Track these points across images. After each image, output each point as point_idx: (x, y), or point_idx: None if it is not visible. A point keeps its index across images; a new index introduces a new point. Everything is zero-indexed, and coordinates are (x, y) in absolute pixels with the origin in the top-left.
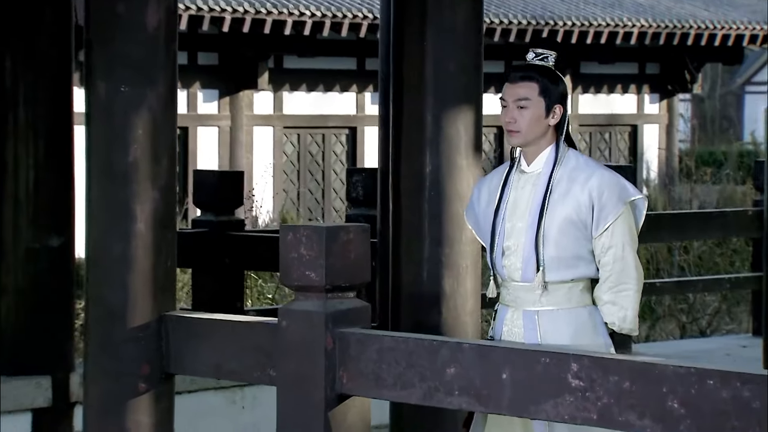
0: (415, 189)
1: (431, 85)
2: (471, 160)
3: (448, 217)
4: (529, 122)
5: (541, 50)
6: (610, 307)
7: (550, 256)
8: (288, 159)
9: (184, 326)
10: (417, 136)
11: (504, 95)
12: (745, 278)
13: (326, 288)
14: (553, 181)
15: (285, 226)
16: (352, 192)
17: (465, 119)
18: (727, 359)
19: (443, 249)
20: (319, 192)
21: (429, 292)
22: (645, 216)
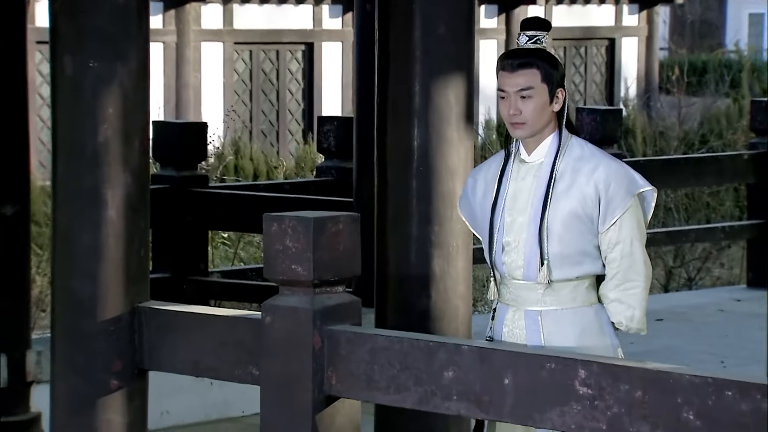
0: (402, 163)
1: (420, 51)
2: (462, 132)
3: (438, 193)
4: (535, 112)
5: (532, 32)
6: (617, 306)
7: (553, 253)
8: (239, 78)
9: (159, 319)
10: (404, 107)
11: (502, 86)
12: (740, 227)
13: (314, 282)
14: (556, 172)
15: (269, 215)
16: (324, 142)
17: (456, 88)
18: (721, 316)
19: (432, 227)
20: (274, 113)
21: (417, 274)
22: (633, 162)
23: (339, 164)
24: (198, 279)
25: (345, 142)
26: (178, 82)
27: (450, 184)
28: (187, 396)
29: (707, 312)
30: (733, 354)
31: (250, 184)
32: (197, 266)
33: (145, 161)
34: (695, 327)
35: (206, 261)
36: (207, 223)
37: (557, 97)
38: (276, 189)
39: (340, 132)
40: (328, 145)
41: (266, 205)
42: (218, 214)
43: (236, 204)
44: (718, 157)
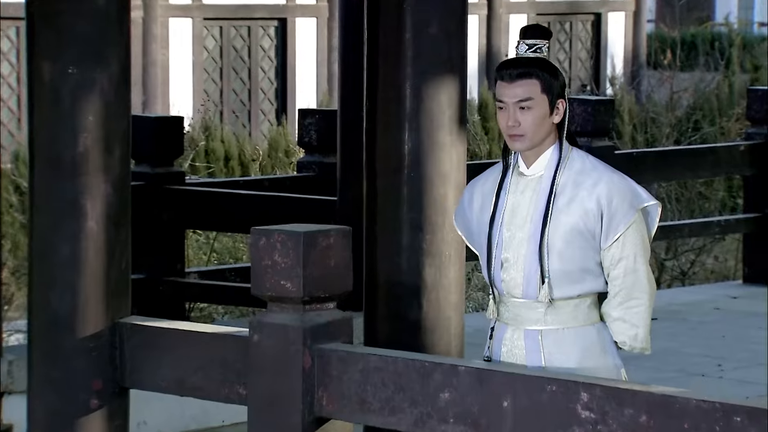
0: (392, 169)
1: (411, 52)
2: (455, 136)
3: (430, 200)
4: (534, 124)
5: (532, 41)
6: (620, 325)
7: (554, 270)
8: (209, 55)
9: (141, 335)
10: (394, 110)
11: (501, 96)
12: (736, 221)
13: (303, 299)
14: (557, 186)
15: (257, 229)
16: (305, 136)
17: (448, 91)
18: (717, 314)
19: (424, 235)
20: (245, 92)
21: (408, 283)
22: (626, 155)
23: (321, 159)
24: (174, 280)
25: (327, 136)
26: (144, 59)
27: (442, 190)
28: (166, 405)
29: (703, 310)
30: (731, 356)
31: (229, 181)
32: (174, 267)
33: (126, 170)
34: (691, 327)
35: (183, 261)
36: (183, 221)
37: (557, 108)
38: (255, 185)
39: (322, 125)
40: (309, 139)
41: (245, 203)
42: (195, 212)
43: (214, 202)
44: (713, 149)
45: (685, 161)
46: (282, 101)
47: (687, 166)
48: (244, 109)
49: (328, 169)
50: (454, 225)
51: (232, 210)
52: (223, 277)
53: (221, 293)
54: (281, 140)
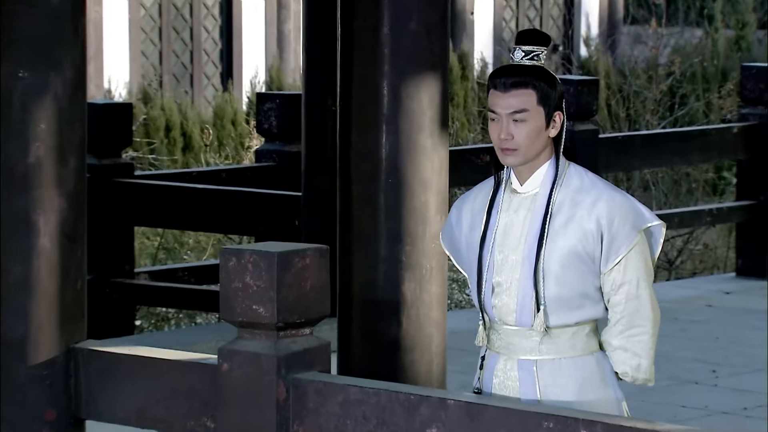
0: (368, 175)
1: (388, 49)
2: (437, 139)
3: (409, 208)
4: (529, 138)
5: (529, 47)
6: (622, 354)
7: (550, 296)
8: (147, 13)
9: (99, 362)
10: (370, 111)
11: (493, 106)
12: (729, 209)
13: (278, 325)
14: (553, 205)
15: (227, 249)
16: (264, 122)
17: (429, 90)
18: (709, 312)
19: (403, 247)
20: (187, 54)
21: (386, 299)
22: (610, 140)
23: (282, 148)
24: (123, 281)
25: (289, 123)
26: None
27: (423, 197)
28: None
29: (694, 307)
30: (726, 360)
31: (182, 173)
32: (122, 267)
33: (81, 182)
34: (682, 327)
35: (132, 261)
36: (133, 218)
37: (554, 121)
38: (211, 177)
39: (283, 110)
40: (269, 125)
41: (200, 198)
42: (145, 207)
43: (166, 197)
44: (704, 131)
45: (675, 145)
46: (227, 64)
47: (676, 150)
48: (185, 73)
49: (289, 159)
50: (441, 243)
51: (185, 205)
52: (175, 278)
53: (173, 295)
54: (227, 107)
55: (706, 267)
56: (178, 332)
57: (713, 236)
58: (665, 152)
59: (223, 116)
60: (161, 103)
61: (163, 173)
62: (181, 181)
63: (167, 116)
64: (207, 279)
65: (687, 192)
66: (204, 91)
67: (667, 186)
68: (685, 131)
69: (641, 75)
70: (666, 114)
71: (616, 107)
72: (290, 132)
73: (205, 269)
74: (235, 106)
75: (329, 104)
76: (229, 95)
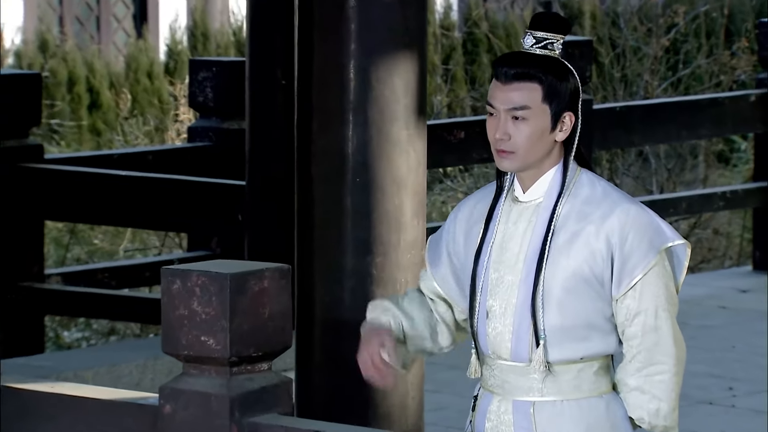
0: (332, 174)
1: (356, 24)
2: (413, 130)
3: (381, 213)
4: (529, 140)
5: (543, 33)
6: (638, 397)
7: (552, 326)
8: None
9: (16, 401)
10: (335, 98)
11: (492, 99)
12: (744, 192)
13: (231, 360)
14: (557, 218)
15: (168, 268)
16: (198, 94)
17: (404, 73)
18: (723, 315)
19: (373, 258)
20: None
21: (354, 320)
22: (606, 112)
23: (220, 125)
24: (31, 286)
25: (228, 95)
26: None
27: (396, 200)
28: None
29: (706, 309)
30: (745, 375)
31: (101, 156)
32: (29, 269)
33: None
34: (693, 334)
35: (41, 261)
36: (42, 210)
37: (563, 122)
38: (135, 161)
39: (222, 80)
40: (205, 98)
41: (122, 187)
42: (57, 198)
43: (82, 185)
44: (716, 100)
45: (682, 117)
46: (141, 4)
47: (684, 122)
48: (90, 15)
49: (229, 138)
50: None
51: (106, 195)
52: (94, 281)
53: (91, 303)
54: (142, 58)
55: (716, 256)
56: (95, 350)
57: (723, 221)
58: (671, 125)
59: (137, 69)
60: (63, 52)
61: (78, 156)
62: (100, 166)
63: (70, 68)
64: (131, 281)
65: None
66: (113, 36)
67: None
68: (694, 100)
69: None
70: (667, 74)
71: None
72: (230, 106)
73: (129, 270)
74: (151, 56)
75: (278, 76)
76: (144, 43)
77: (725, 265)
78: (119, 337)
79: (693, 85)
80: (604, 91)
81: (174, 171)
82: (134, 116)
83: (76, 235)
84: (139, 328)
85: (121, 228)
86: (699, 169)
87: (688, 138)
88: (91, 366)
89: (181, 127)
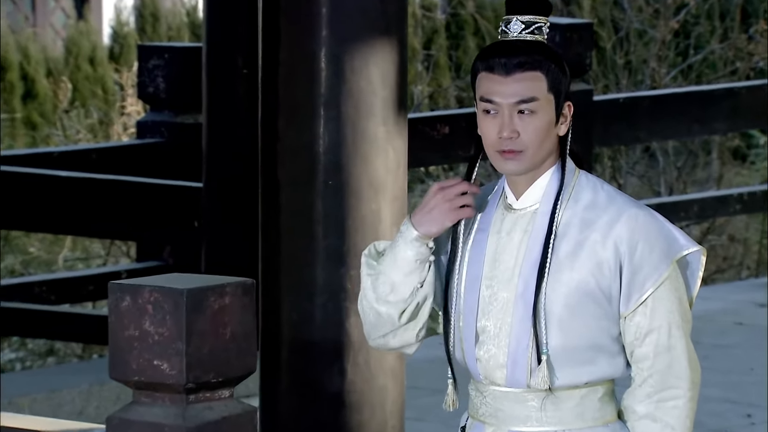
0: (301, 176)
1: (327, 8)
2: (392, 127)
3: (356, 219)
4: (538, 136)
5: (529, 17)
6: (649, 425)
7: (553, 347)
8: None
9: None
10: (304, 91)
11: (491, 94)
12: (764, 194)
13: (187, 387)
14: (557, 226)
15: (116, 283)
16: (149, 84)
17: (382, 62)
18: (740, 333)
19: (347, 271)
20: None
21: (325, 340)
22: (608, 104)
23: (173, 119)
24: None
25: (182, 85)
26: None
27: (373, 204)
28: None
29: (721, 326)
30: (764, 400)
31: (37, 153)
32: None
33: None
34: (707, 353)
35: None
36: None
37: (564, 114)
38: (76, 159)
39: (175, 68)
40: (155, 88)
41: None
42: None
43: (15, 186)
44: (732, 90)
45: (693, 110)
46: None
47: (695, 115)
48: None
49: (183, 134)
50: None
51: (43, 198)
52: (30, 295)
53: (28, 320)
54: (83, 41)
55: (732, 266)
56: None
57: (740, 226)
58: (681, 119)
59: (77, 54)
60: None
61: (13, 154)
62: (37, 165)
63: (2, 53)
64: (72, 295)
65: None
66: (51, 17)
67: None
68: (707, 90)
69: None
70: (677, 60)
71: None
72: (184, 98)
73: (70, 283)
74: (93, 40)
75: (239, 64)
76: (86, 24)
77: (742, 276)
78: (59, 359)
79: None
80: (606, 80)
81: (121, 171)
82: (75, 108)
83: (10, 243)
84: (82, 348)
85: (61, 235)
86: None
87: (701, 133)
88: (28, 392)
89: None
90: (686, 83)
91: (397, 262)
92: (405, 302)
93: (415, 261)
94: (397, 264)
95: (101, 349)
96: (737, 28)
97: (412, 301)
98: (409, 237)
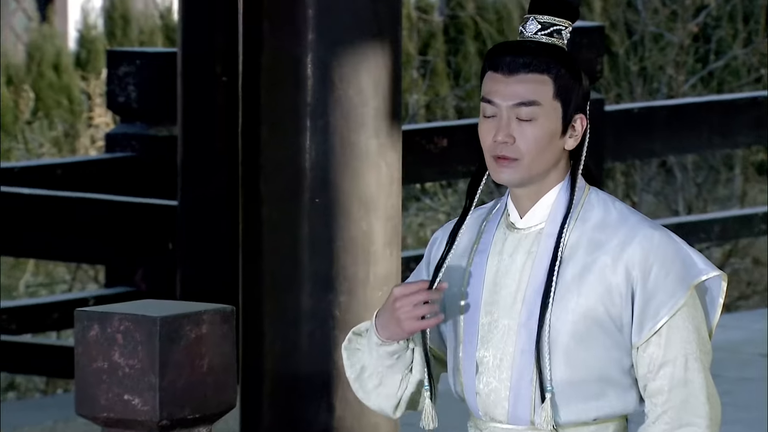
0: (285, 193)
1: (314, 9)
2: (384, 139)
3: (345, 240)
4: (536, 144)
5: (549, 18)
6: None
7: (559, 380)
8: None
9: None
10: (288, 100)
11: (491, 94)
12: None
13: (161, 424)
14: (564, 248)
15: (82, 310)
16: (118, 94)
17: (374, 69)
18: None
19: (336, 297)
20: None
21: (311, 373)
22: (621, 114)
23: (145, 131)
24: None
25: (156, 95)
26: None
27: (364, 224)
28: None
29: (744, 358)
30: None
31: None
32: None
33: None
34: (729, 388)
35: None
36: None
37: (574, 127)
38: (40, 175)
39: (147, 76)
40: (126, 98)
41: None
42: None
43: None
44: (756, 100)
45: (714, 120)
46: None
47: (716, 127)
48: None
49: (156, 147)
50: None
51: (4, 219)
52: None
53: None
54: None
55: (756, 292)
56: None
57: (765, 247)
58: (701, 131)
59: (40, 60)
60: None
61: None
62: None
63: None
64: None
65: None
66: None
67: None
68: (729, 100)
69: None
70: (696, 67)
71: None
72: (158, 109)
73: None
74: (58, 45)
75: (218, 71)
76: (50, 28)
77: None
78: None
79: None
80: (619, 88)
81: (88, 188)
82: (38, 119)
83: None
84: (45, 382)
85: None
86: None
87: (722, 146)
88: None
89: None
90: (706, 92)
91: (373, 355)
92: (396, 396)
93: (392, 356)
94: (375, 356)
95: (66, 383)
96: (762, 32)
97: (404, 392)
98: (373, 341)
